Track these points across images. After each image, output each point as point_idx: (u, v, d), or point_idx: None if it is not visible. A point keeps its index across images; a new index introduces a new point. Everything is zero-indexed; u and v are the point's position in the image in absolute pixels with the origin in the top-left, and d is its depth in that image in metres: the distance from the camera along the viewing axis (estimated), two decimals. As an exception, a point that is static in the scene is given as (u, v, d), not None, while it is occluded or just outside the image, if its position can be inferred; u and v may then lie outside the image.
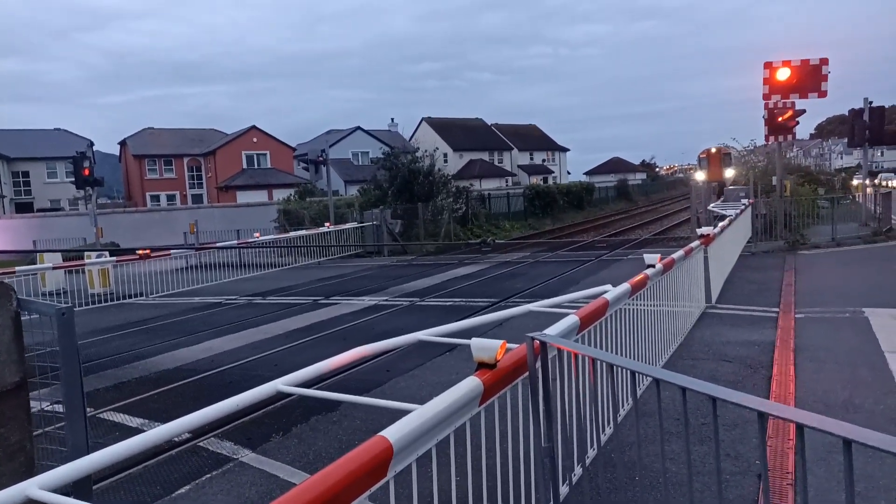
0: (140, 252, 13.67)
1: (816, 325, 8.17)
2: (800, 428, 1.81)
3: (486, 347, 2.78)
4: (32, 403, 3.73)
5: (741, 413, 4.84)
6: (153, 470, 4.99)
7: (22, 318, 3.62)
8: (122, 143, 58.98)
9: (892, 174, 69.27)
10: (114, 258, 14.64)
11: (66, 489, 2.18)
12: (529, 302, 5.00)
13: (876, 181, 43.51)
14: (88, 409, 3.79)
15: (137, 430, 5.72)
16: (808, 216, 17.99)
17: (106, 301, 13.73)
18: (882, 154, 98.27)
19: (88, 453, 2.40)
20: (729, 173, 31.86)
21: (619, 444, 4.01)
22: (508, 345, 2.94)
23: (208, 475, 4.84)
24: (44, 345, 3.73)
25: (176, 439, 5.23)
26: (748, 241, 16.17)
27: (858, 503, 1.76)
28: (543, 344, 3.02)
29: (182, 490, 4.62)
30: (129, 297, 14.05)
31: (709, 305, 9.44)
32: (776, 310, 9.15)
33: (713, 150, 34.19)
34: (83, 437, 3.51)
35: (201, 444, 5.43)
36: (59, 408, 3.64)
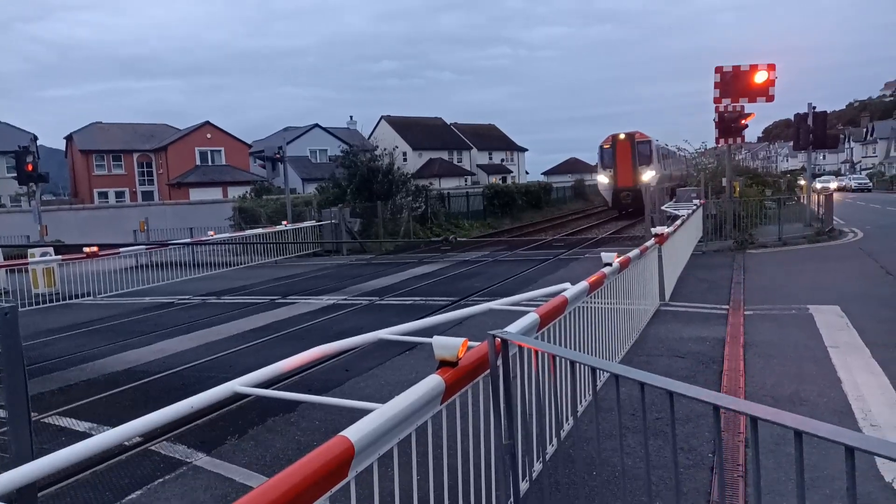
0: (87, 250, 13.18)
1: (764, 321, 8.46)
2: (753, 420, 1.86)
3: (447, 346, 2.78)
4: (-28, 408, 3.56)
5: (694, 407, 4.97)
6: (102, 475, 4.82)
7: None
8: (69, 138, 56.81)
9: (833, 176, 72.43)
10: (59, 256, 14.10)
11: (9, 496, 2.08)
12: (489, 300, 5.03)
13: (832, 185, 44.77)
14: (33, 414, 3.64)
15: (85, 435, 5.49)
16: (756, 217, 18.60)
17: (51, 301, 13.21)
18: (824, 157, 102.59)
19: (33, 459, 2.30)
20: (647, 175, 21.28)
21: (577, 440, 4.07)
22: (469, 343, 2.95)
23: (160, 480, 4.70)
24: (-16, 347, 3.56)
25: (126, 443, 5.06)
26: (699, 241, 16.62)
27: (806, 491, 1.82)
28: (504, 342, 3.04)
29: (133, 495, 4.48)
30: (76, 297, 13.53)
31: (662, 303, 9.67)
32: (726, 307, 9.43)
33: (622, 136, 22.23)
34: (27, 442, 3.37)
35: (153, 447, 5.28)
36: (2, 413, 3.48)
